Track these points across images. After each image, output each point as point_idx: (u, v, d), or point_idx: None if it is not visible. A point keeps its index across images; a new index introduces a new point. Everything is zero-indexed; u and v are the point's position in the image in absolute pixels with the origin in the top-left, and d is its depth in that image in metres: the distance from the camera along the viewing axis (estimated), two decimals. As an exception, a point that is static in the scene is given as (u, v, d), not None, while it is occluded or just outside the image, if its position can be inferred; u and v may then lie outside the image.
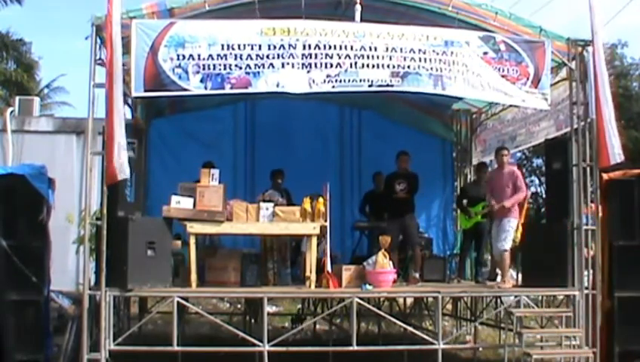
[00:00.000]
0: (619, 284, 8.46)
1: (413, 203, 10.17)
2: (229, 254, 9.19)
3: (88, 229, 8.11)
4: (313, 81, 8.02)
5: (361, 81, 8.11)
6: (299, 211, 8.64)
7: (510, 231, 9.52)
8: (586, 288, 8.50)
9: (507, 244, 9.43)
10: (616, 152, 8.27)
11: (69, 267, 13.15)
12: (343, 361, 8.65)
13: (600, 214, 8.76)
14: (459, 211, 11.29)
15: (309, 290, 8.68)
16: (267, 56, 7.93)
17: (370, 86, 8.15)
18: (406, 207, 10.01)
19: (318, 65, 8.01)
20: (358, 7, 8.32)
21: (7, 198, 7.76)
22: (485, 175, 10.95)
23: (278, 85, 7.99)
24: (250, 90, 8.03)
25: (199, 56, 7.87)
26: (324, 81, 8.03)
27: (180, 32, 7.86)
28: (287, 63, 7.96)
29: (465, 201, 10.72)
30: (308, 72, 8.00)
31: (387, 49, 8.12)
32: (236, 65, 7.92)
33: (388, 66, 8.12)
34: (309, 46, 7.99)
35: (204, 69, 7.87)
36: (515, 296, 8.88)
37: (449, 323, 12.18)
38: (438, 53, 8.22)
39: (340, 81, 8.06)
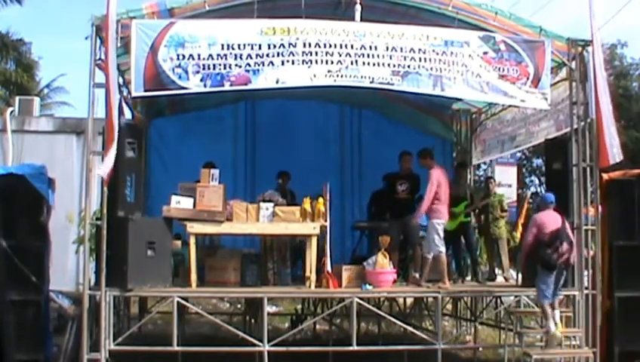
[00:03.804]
0: (619, 284, 8.46)
1: (414, 203, 10.17)
2: (229, 254, 9.19)
3: (88, 229, 8.12)
4: (314, 76, 8.02)
5: (362, 77, 8.11)
6: (299, 211, 8.65)
7: (432, 233, 9.23)
8: (586, 288, 8.50)
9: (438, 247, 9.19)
10: (615, 152, 8.27)
11: (69, 267, 13.16)
12: (342, 361, 8.65)
13: (600, 214, 8.76)
14: None
15: (309, 290, 8.69)
16: (267, 55, 7.94)
17: (371, 82, 8.15)
18: (407, 207, 10.00)
19: (319, 62, 8.01)
20: (358, 7, 8.32)
21: (7, 198, 7.76)
22: (466, 174, 10.87)
23: (277, 81, 7.99)
24: (249, 86, 8.02)
25: (199, 56, 7.87)
26: (325, 76, 8.03)
27: (180, 31, 7.86)
28: (288, 61, 7.97)
29: None
30: (309, 67, 8.00)
31: (387, 48, 8.13)
32: (236, 65, 7.92)
33: (388, 65, 8.13)
34: (310, 44, 8.00)
35: (204, 68, 7.87)
36: (515, 296, 8.88)
37: (449, 323, 12.18)
38: (438, 53, 8.23)
39: (341, 77, 8.06)
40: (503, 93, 8.48)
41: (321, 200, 8.61)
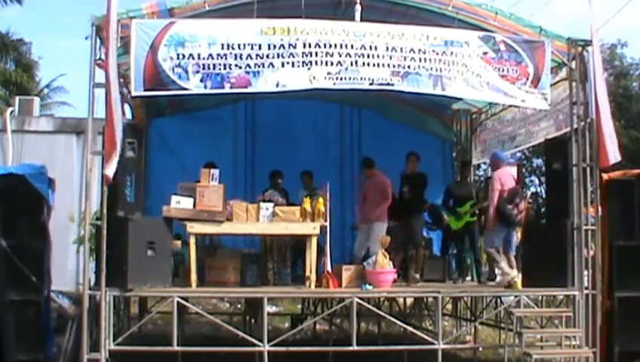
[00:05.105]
0: (619, 284, 8.46)
1: (419, 203, 10.17)
2: (229, 254, 9.19)
3: (88, 229, 8.11)
4: (314, 78, 8.01)
5: (361, 79, 8.11)
6: (299, 211, 8.65)
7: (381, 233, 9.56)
8: (586, 288, 8.50)
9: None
10: (614, 152, 8.27)
11: (69, 267, 13.18)
12: (342, 361, 8.64)
13: (600, 214, 8.76)
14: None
15: (309, 290, 8.69)
16: (267, 56, 7.93)
17: (371, 84, 8.15)
18: (411, 207, 10.04)
19: (319, 63, 8.01)
20: (358, 8, 8.32)
21: (7, 198, 7.76)
22: (470, 173, 10.94)
23: (277, 85, 7.99)
24: (249, 89, 8.03)
25: (199, 55, 7.86)
26: (325, 78, 8.03)
27: (180, 31, 7.86)
28: (287, 63, 7.96)
29: (451, 202, 10.67)
30: (308, 69, 7.99)
31: (387, 48, 8.13)
32: (236, 65, 7.91)
33: (388, 65, 8.12)
34: (310, 45, 7.99)
35: (204, 68, 7.86)
36: (515, 296, 8.88)
37: (449, 323, 12.17)
38: (438, 53, 8.22)
39: (341, 79, 8.06)
40: (503, 93, 8.48)
41: (321, 200, 8.61)
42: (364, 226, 10.00)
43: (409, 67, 8.16)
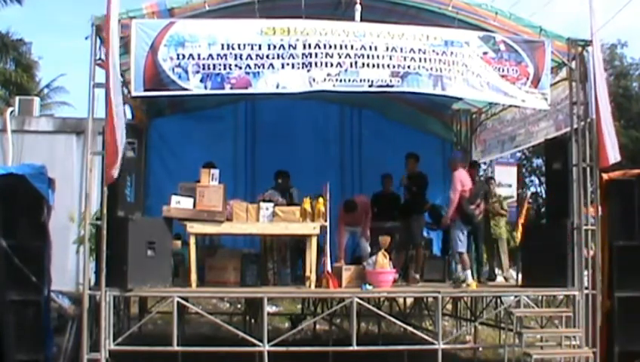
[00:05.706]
0: (619, 284, 8.46)
1: (419, 203, 10.17)
2: (229, 254, 9.19)
3: (88, 229, 8.11)
4: (314, 80, 8.01)
5: (361, 80, 8.11)
6: (299, 211, 8.65)
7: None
8: (586, 288, 8.50)
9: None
10: (614, 152, 8.27)
11: (69, 267, 13.17)
12: (342, 361, 8.65)
13: (600, 214, 8.76)
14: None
15: (309, 290, 8.69)
16: (267, 56, 7.93)
17: (370, 86, 8.15)
18: (411, 207, 10.04)
19: (319, 64, 8.00)
20: (358, 8, 8.32)
21: (7, 198, 7.76)
22: (477, 173, 10.96)
23: (277, 86, 7.99)
24: (249, 90, 8.03)
25: (199, 55, 7.86)
26: (325, 80, 8.03)
27: (180, 31, 7.86)
28: (287, 64, 7.96)
29: None
30: (308, 70, 8.00)
31: (387, 48, 8.13)
32: (236, 65, 7.91)
33: (388, 66, 8.12)
34: (309, 45, 7.99)
35: (204, 68, 7.86)
36: (515, 296, 8.88)
37: (449, 323, 12.18)
38: (438, 53, 8.22)
39: (341, 81, 8.06)
40: (503, 93, 8.48)
41: (321, 200, 8.61)
42: (349, 230, 10.10)
43: (409, 67, 8.15)
